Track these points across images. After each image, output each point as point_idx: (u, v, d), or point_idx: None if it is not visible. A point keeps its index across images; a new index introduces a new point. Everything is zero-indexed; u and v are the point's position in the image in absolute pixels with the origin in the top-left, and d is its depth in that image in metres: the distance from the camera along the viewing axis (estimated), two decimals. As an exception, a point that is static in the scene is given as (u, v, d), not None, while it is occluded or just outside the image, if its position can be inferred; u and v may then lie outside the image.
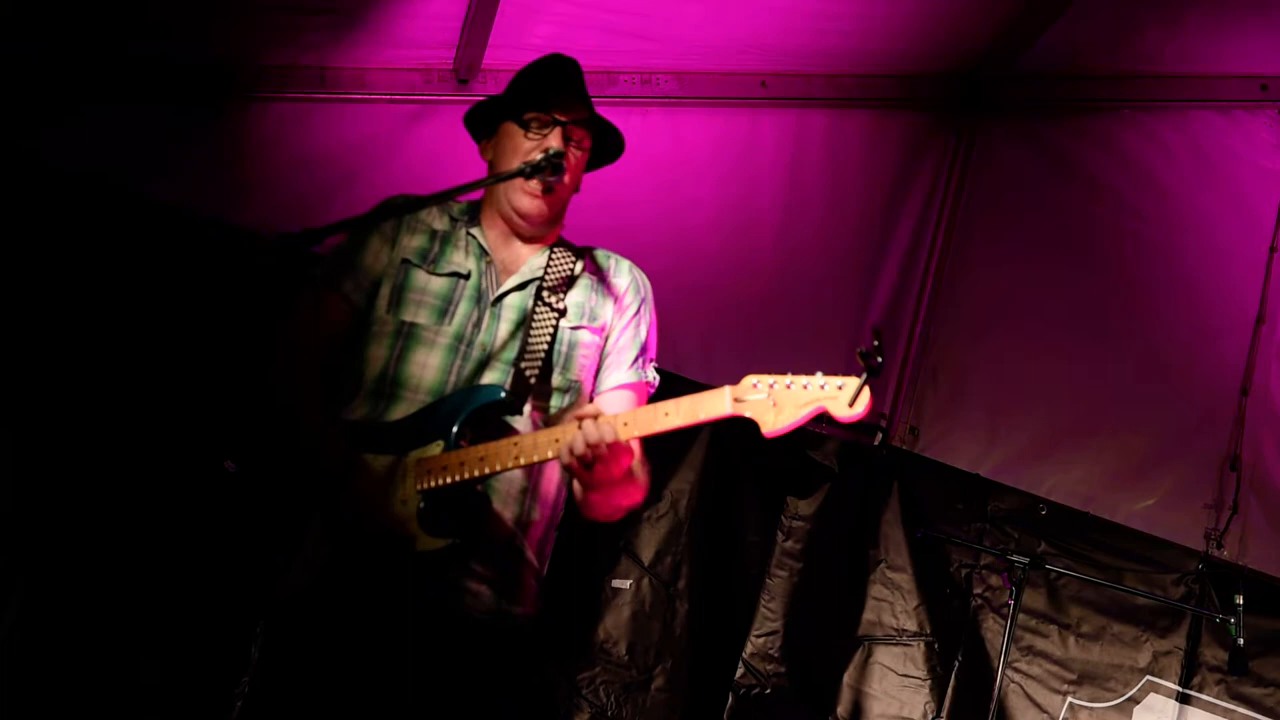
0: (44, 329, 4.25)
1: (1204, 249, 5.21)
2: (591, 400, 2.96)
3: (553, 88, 2.94)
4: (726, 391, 2.56)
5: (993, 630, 4.94)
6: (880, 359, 2.40)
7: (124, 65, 4.39)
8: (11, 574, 4.17)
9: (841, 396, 2.47)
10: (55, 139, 4.31)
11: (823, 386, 2.49)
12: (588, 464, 2.60)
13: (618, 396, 2.94)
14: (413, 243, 2.94)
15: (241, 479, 2.83)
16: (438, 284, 2.89)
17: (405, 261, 2.91)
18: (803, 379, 2.52)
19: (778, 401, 2.51)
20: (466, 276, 2.91)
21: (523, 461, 2.68)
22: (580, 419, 2.61)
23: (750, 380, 2.55)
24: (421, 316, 2.86)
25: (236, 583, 4.11)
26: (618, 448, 2.60)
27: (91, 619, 4.21)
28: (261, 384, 2.93)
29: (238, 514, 2.81)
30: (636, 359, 3.01)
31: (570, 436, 2.61)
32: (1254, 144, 5.22)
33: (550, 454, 2.66)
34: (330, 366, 2.91)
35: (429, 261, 2.92)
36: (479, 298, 2.90)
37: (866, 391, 2.45)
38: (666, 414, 2.60)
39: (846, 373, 2.51)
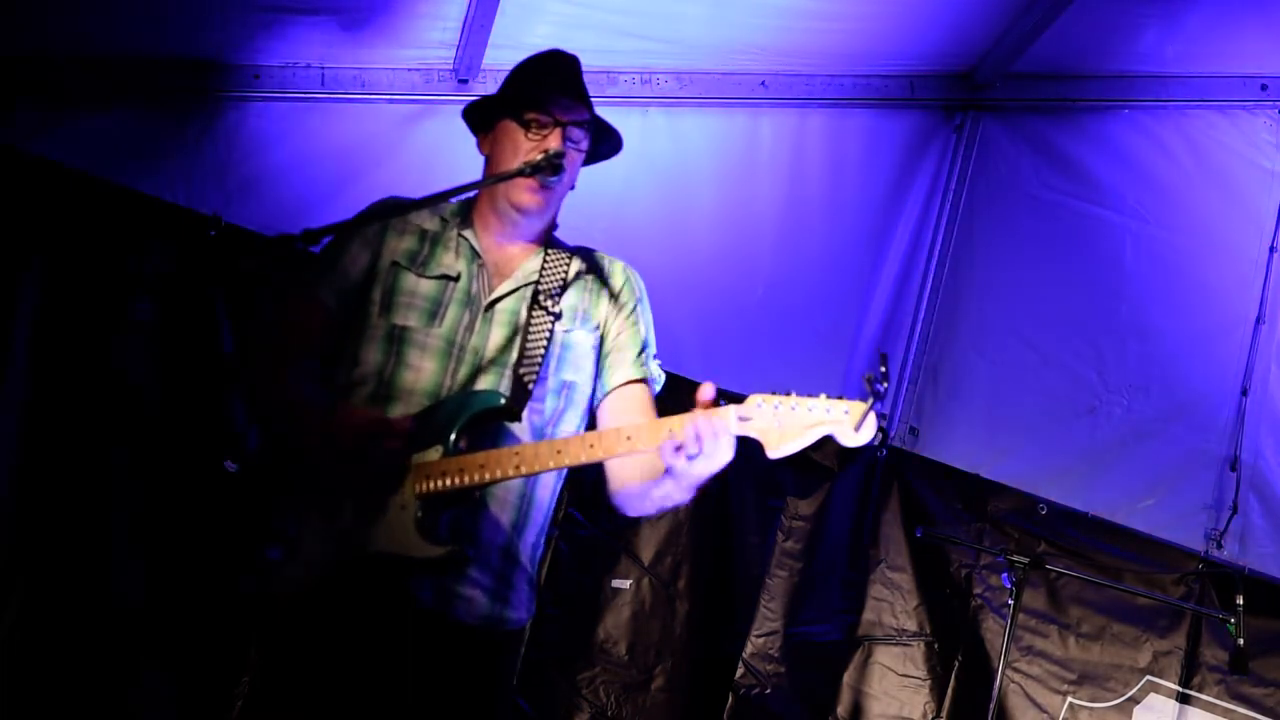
0: (43, 328, 4.25)
1: (1204, 249, 5.21)
2: (594, 401, 2.97)
3: (553, 87, 2.94)
4: (731, 411, 2.57)
5: (993, 630, 4.93)
6: (885, 385, 2.41)
7: (124, 64, 4.40)
8: (11, 574, 4.17)
9: (847, 421, 2.49)
10: (55, 138, 4.31)
11: (828, 410, 2.51)
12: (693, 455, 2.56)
13: (625, 393, 2.94)
14: (402, 245, 2.93)
15: (241, 478, 2.83)
16: (426, 286, 2.89)
17: (394, 264, 2.91)
18: (808, 401, 2.52)
19: (783, 424, 2.52)
20: (456, 279, 2.90)
21: (524, 471, 2.68)
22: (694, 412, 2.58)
23: (755, 400, 2.56)
24: (411, 319, 2.86)
25: (236, 582, 4.11)
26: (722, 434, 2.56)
27: (91, 619, 4.21)
28: (251, 374, 2.94)
29: (237, 513, 2.81)
30: (639, 355, 3.01)
31: (575, 450, 2.63)
32: (1254, 144, 5.23)
33: (551, 464, 2.67)
34: (309, 365, 2.92)
35: (418, 264, 2.91)
36: (469, 301, 2.89)
37: (872, 417, 2.47)
38: (671, 430, 2.60)
39: (846, 378, 2.51)
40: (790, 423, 2.51)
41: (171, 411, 4.32)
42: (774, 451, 2.53)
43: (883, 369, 2.39)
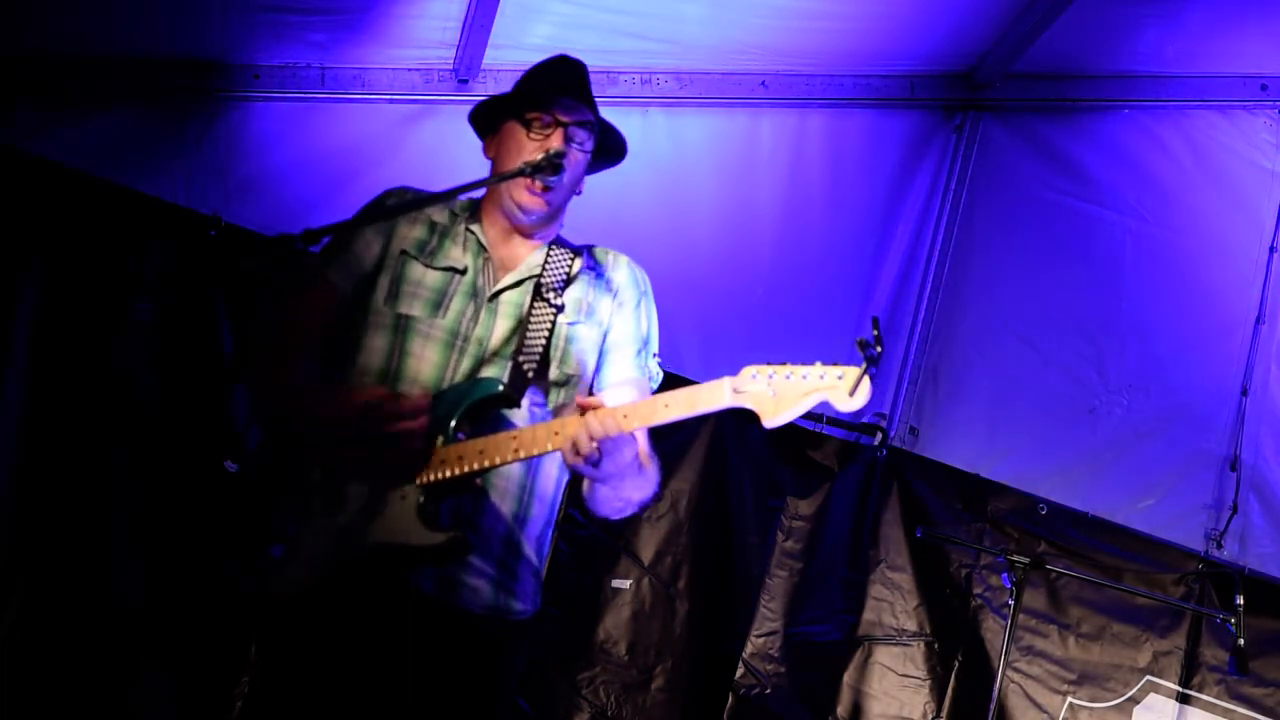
0: (43, 328, 4.25)
1: (1204, 249, 5.22)
2: (592, 395, 2.97)
3: (556, 88, 2.95)
4: (726, 382, 2.57)
5: (993, 630, 4.94)
6: (880, 348, 2.40)
7: (124, 64, 4.40)
8: (11, 574, 4.17)
9: (841, 386, 2.47)
10: (55, 138, 4.31)
11: (822, 376, 2.49)
12: (595, 462, 2.60)
13: (620, 391, 2.94)
14: (412, 234, 2.95)
15: (241, 478, 2.83)
16: (433, 277, 2.90)
17: (403, 253, 2.92)
18: (802, 369, 2.51)
19: (777, 392, 2.51)
20: (462, 272, 2.92)
21: (522, 454, 2.68)
22: (583, 411, 2.61)
23: (749, 371, 2.55)
24: (416, 309, 2.87)
25: (236, 582, 4.11)
26: (621, 439, 2.60)
27: (91, 619, 4.21)
28: (253, 371, 2.93)
29: (237, 513, 2.81)
30: (639, 352, 3.01)
31: (572, 430, 2.61)
32: (1254, 144, 5.23)
33: (550, 446, 2.66)
34: (319, 351, 2.92)
35: (426, 254, 2.93)
36: (474, 293, 2.91)
37: (867, 381, 2.45)
38: (666, 405, 2.61)
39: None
40: (785, 391, 2.50)
41: (171, 411, 4.32)
42: (770, 421, 2.52)
43: (875, 332, 2.39)
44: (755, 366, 2.55)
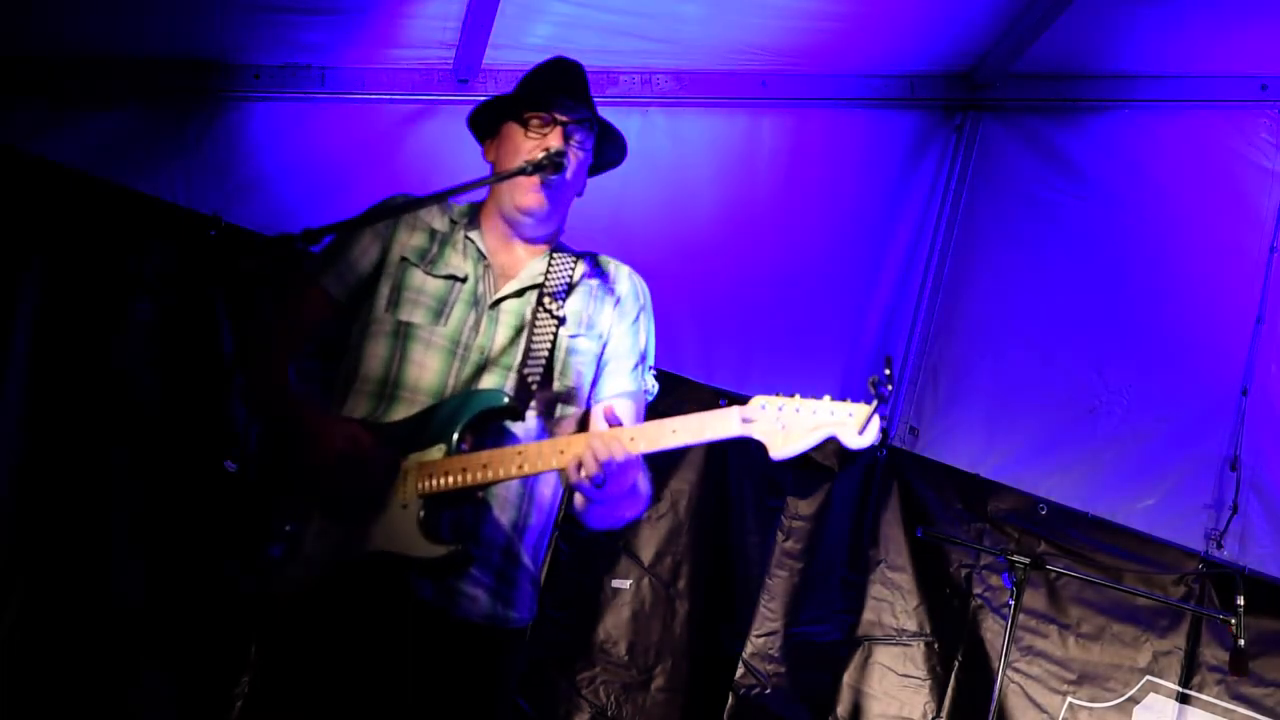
0: (44, 328, 4.25)
1: (1204, 249, 5.21)
2: (589, 408, 2.97)
3: (554, 89, 2.95)
4: (735, 412, 2.57)
5: (993, 630, 4.93)
6: (891, 386, 2.41)
7: (124, 64, 4.40)
8: (11, 574, 4.17)
9: (851, 424, 2.48)
10: (55, 138, 4.31)
11: (832, 413, 2.50)
12: (600, 483, 2.60)
13: (616, 405, 2.94)
14: (412, 241, 2.95)
15: (241, 478, 2.83)
16: (434, 285, 2.90)
17: (404, 260, 2.92)
18: (811, 403, 2.52)
19: (787, 425, 2.52)
20: (463, 279, 2.92)
21: (526, 470, 2.68)
22: (584, 426, 2.62)
23: (759, 401, 2.56)
24: (417, 316, 2.87)
25: (236, 582, 4.11)
26: (627, 462, 2.60)
27: (91, 619, 4.21)
28: (246, 374, 2.94)
29: (237, 513, 2.82)
30: (636, 366, 3.01)
31: (578, 450, 2.61)
32: (1254, 144, 5.22)
33: (554, 464, 2.66)
34: (309, 355, 2.93)
35: (427, 262, 2.92)
36: (475, 301, 2.90)
37: (876, 420, 2.46)
38: (674, 431, 2.61)
39: (846, 378, 2.52)
40: (794, 425, 2.51)
41: (171, 411, 4.32)
42: (778, 453, 2.53)
43: (887, 371, 2.40)
44: (765, 397, 2.56)
